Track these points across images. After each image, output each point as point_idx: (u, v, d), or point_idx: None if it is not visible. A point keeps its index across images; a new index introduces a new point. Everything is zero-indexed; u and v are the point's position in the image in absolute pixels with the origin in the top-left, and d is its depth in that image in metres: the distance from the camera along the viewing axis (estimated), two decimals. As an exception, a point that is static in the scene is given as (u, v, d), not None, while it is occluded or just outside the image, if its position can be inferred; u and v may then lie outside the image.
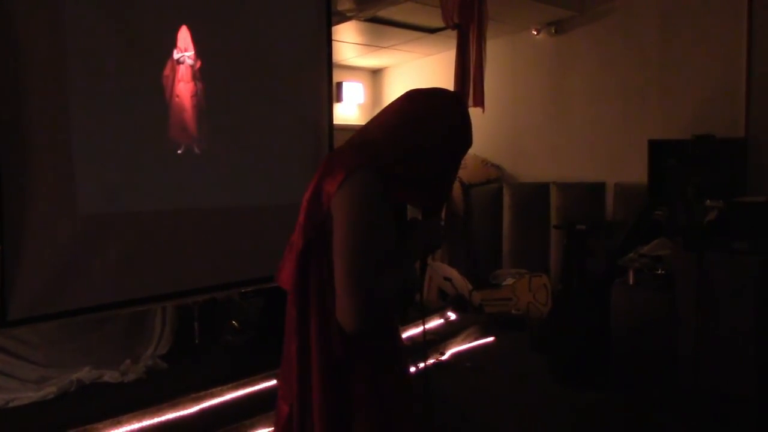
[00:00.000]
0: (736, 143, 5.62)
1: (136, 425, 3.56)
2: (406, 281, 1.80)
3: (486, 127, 6.57)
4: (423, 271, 2.27)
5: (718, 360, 4.24)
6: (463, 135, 1.88)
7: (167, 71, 4.17)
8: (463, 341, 5.45)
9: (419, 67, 9.09)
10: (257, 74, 4.67)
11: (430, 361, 4.91)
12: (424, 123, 1.80)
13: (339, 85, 9.19)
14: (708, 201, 4.68)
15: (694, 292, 4.31)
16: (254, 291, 4.98)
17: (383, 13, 6.60)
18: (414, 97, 1.87)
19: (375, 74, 9.90)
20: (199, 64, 4.32)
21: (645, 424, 4.25)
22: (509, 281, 6.79)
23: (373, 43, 8.08)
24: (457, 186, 7.62)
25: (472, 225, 7.89)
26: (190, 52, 4.28)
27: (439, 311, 5.98)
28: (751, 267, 4.16)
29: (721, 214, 4.55)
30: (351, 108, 9.64)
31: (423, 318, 2.17)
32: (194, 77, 4.31)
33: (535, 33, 7.48)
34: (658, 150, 5.87)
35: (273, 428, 1.93)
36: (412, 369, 1.99)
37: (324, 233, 1.69)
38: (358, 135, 1.87)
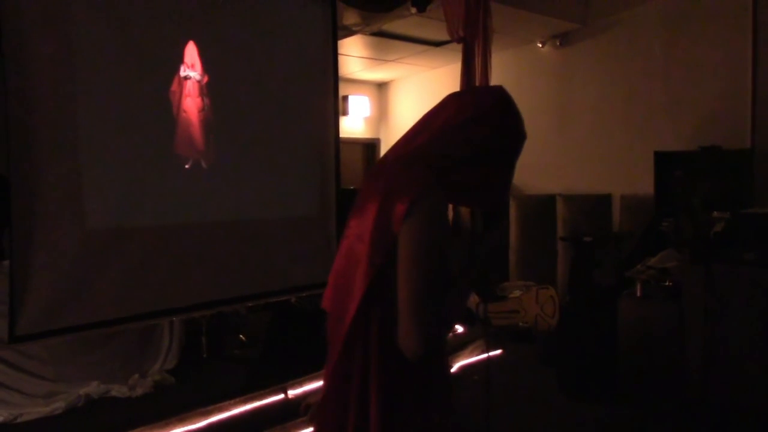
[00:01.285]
0: (743, 154, 5.61)
1: (144, 440, 3.56)
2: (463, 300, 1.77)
3: (492, 140, 6.56)
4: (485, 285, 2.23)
5: (727, 372, 4.22)
6: (515, 128, 1.85)
7: (174, 87, 4.19)
8: (471, 354, 5.43)
9: (425, 80, 9.12)
10: (264, 88, 4.70)
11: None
12: (475, 124, 1.75)
13: (345, 98, 9.22)
14: (715, 212, 4.68)
15: (701, 304, 4.30)
16: (261, 305, 4.99)
17: (389, 27, 6.63)
18: (458, 98, 1.83)
19: (381, 87, 9.93)
20: (206, 79, 4.35)
21: (653, 436, 4.23)
22: (516, 294, 6.77)
23: (378, 57, 8.12)
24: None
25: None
26: (197, 68, 4.30)
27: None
28: (758, 278, 4.14)
29: (728, 225, 4.54)
30: (357, 121, 9.67)
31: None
32: (201, 93, 4.33)
33: (540, 45, 7.51)
34: (664, 161, 5.87)
35: None
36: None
37: (390, 258, 1.62)
38: (405, 145, 1.81)
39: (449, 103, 1.82)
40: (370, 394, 1.64)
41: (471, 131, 1.75)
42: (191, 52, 4.28)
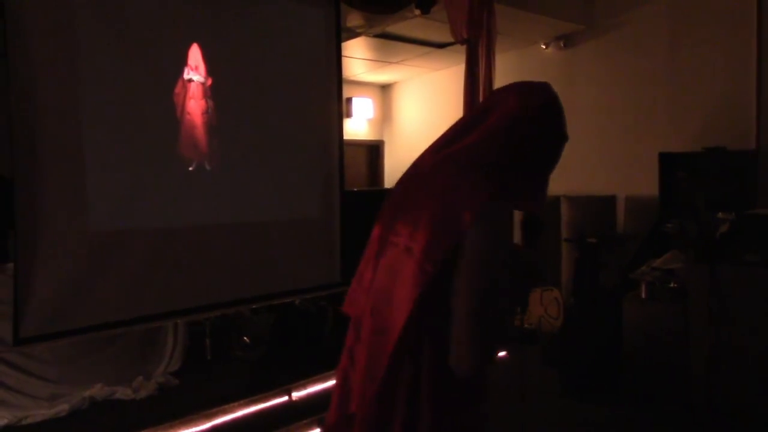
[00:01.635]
0: (747, 155, 5.60)
1: (148, 442, 3.56)
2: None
3: (496, 141, 6.56)
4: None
5: (732, 374, 4.21)
6: (561, 128, 1.84)
7: (178, 89, 4.20)
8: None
9: (429, 81, 9.12)
10: (267, 91, 4.70)
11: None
12: (523, 124, 1.72)
13: (349, 100, 9.22)
14: (719, 213, 4.67)
15: (706, 305, 4.29)
16: (265, 307, 4.98)
17: (392, 29, 6.63)
18: (506, 97, 1.78)
19: (384, 89, 9.93)
20: (209, 81, 4.35)
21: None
22: (520, 295, 6.75)
23: (382, 59, 8.12)
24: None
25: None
26: (201, 70, 4.31)
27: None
28: (763, 279, 4.13)
29: (732, 226, 4.54)
30: (361, 123, 9.67)
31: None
32: (205, 95, 4.34)
33: (544, 47, 7.50)
34: (668, 163, 5.87)
35: None
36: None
37: (448, 263, 1.55)
38: (448, 144, 1.76)
39: (496, 101, 1.77)
40: (421, 405, 1.58)
41: (519, 132, 1.72)
42: (195, 54, 4.29)
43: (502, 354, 5.41)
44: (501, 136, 1.70)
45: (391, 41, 7.16)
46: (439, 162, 1.73)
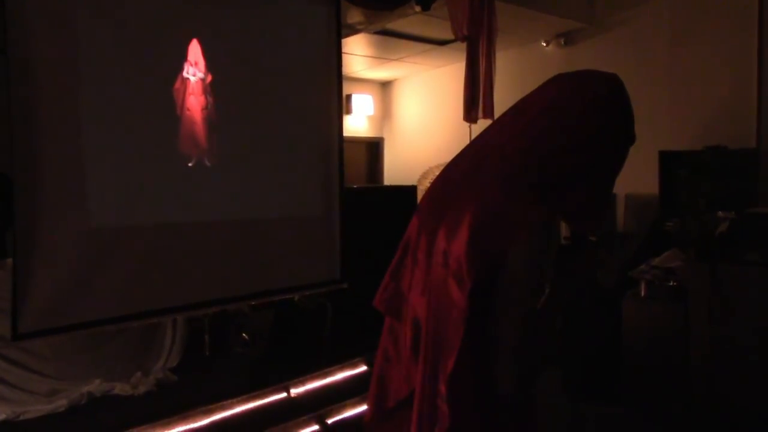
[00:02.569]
0: (748, 154, 5.59)
1: (147, 438, 3.56)
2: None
3: (496, 139, 6.56)
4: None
5: (732, 373, 4.20)
6: (626, 127, 1.61)
7: (178, 84, 4.19)
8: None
9: (429, 79, 9.11)
10: (267, 87, 4.69)
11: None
12: (582, 124, 1.53)
13: (348, 97, 9.22)
14: (720, 212, 4.66)
15: (706, 304, 4.28)
16: (264, 304, 4.98)
17: (393, 26, 6.62)
18: (563, 89, 1.63)
19: (384, 86, 9.92)
20: (209, 77, 4.34)
21: (657, 437, 4.22)
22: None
23: (382, 56, 8.11)
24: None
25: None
26: (201, 66, 4.30)
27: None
28: (764, 278, 4.12)
29: (733, 225, 4.53)
30: (361, 120, 9.67)
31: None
32: (205, 91, 4.33)
33: (545, 45, 7.49)
34: (669, 161, 5.86)
35: None
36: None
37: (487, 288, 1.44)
38: (493, 147, 1.58)
39: (551, 92, 1.62)
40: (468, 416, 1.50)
41: (575, 137, 1.51)
42: (195, 50, 4.28)
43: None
44: (551, 140, 1.51)
45: (391, 38, 7.15)
46: (485, 168, 1.55)
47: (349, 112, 9.27)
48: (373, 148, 10.06)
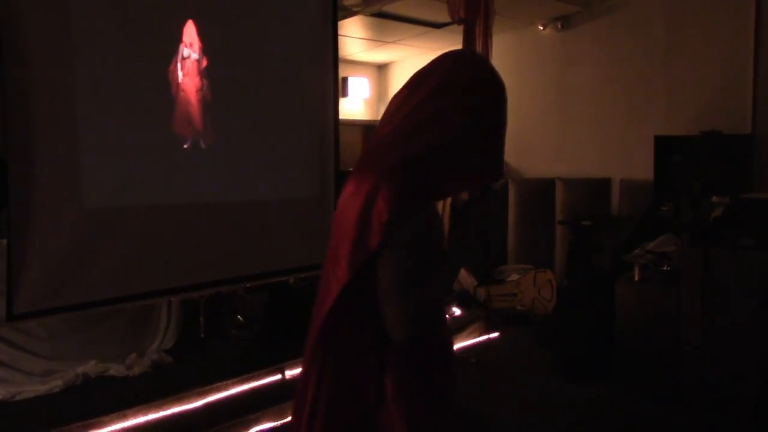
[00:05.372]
0: (743, 139, 5.61)
1: (142, 419, 3.56)
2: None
3: (491, 123, 6.56)
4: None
5: (723, 356, 4.24)
6: (489, 90, 1.68)
7: (173, 66, 4.17)
8: (468, 336, 5.45)
9: (425, 62, 8.98)
10: (263, 69, 4.67)
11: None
12: (445, 99, 1.65)
13: (344, 80, 9.19)
14: (714, 197, 4.68)
15: (699, 289, 4.31)
16: (259, 286, 4.99)
17: (389, 8, 6.59)
18: (420, 79, 1.77)
19: (381, 69, 9.89)
20: (204, 58, 4.32)
21: (648, 419, 4.25)
22: (514, 277, 6.79)
23: (378, 38, 8.08)
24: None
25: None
26: (196, 47, 4.27)
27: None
28: (756, 263, 4.15)
29: (727, 210, 4.55)
30: (356, 103, 9.65)
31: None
32: (200, 72, 4.31)
33: (542, 28, 7.47)
34: (664, 146, 5.87)
35: None
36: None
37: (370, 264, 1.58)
38: (381, 135, 1.73)
39: (411, 85, 1.78)
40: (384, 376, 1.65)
41: (447, 107, 1.65)
42: (190, 31, 4.25)
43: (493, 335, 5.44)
44: (429, 113, 1.65)
45: (387, 20, 7.12)
46: (371, 149, 1.76)
47: (345, 94, 9.25)
48: (369, 131, 10.03)
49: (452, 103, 1.64)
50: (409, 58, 9.30)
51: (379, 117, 10.00)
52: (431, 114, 1.64)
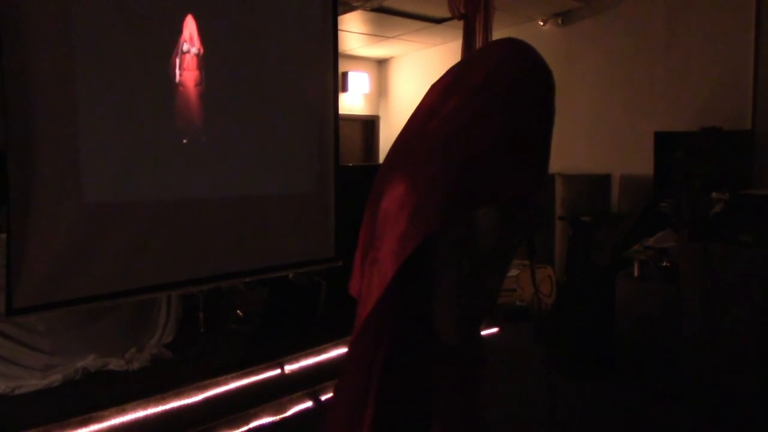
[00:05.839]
0: (743, 136, 5.61)
1: (141, 413, 3.57)
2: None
3: (491, 118, 6.55)
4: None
5: (723, 352, 4.24)
6: (541, 83, 1.61)
7: (172, 60, 4.16)
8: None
9: (425, 57, 9.07)
10: (263, 64, 4.66)
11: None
12: (492, 101, 1.55)
13: (344, 75, 9.17)
14: (714, 193, 4.68)
15: (698, 285, 4.31)
16: (258, 280, 4.99)
17: (389, 3, 6.58)
18: (468, 67, 1.67)
19: (381, 64, 9.87)
20: (204, 53, 4.31)
21: (648, 416, 4.25)
22: (513, 272, 6.78)
23: (378, 33, 8.06)
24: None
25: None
26: (196, 42, 4.27)
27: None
28: (756, 259, 4.15)
29: (726, 206, 4.55)
30: (356, 98, 9.63)
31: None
32: (199, 66, 4.30)
33: (542, 24, 7.45)
34: (664, 142, 5.87)
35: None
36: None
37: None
38: (429, 129, 1.63)
39: (482, 58, 1.68)
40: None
41: (505, 98, 1.55)
42: (190, 25, 4.24)
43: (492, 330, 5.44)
44: (483, 104, 1.56)
45: (387, 15, 7.10)
46: (416, 142, 1.65)
47: (344, 89, 9.23)
48: (369, 126, 10.03)
49: (507, 95, 1.55)
50: (409, 53, 9.28)
51: (378, 112, 10.01)
52: (481, 110, 1.56)
